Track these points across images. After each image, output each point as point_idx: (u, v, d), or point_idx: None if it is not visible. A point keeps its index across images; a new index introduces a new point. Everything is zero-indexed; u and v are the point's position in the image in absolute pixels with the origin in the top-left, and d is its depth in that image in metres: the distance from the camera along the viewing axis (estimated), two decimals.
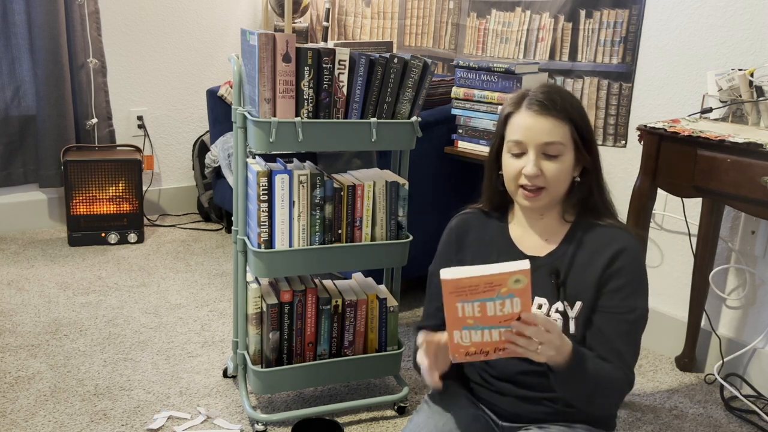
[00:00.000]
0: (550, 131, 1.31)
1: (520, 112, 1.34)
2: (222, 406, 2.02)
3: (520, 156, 1.33)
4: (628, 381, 1.31)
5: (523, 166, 1.32)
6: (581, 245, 1.35)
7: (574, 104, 1.34)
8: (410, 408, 2.05)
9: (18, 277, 2.83)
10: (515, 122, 1.34)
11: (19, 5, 3.15)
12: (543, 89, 1.34)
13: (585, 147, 1.34)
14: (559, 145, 1.31)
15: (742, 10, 2.11)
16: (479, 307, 1.14)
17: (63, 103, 3.26)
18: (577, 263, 1.34)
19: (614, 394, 1.31)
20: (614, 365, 1.28)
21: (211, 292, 2.79)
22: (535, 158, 1.31)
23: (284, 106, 1.73)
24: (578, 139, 1.33)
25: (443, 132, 2.52)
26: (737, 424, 2.06)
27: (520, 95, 1.36)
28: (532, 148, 1.31)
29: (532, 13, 2.71)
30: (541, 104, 1.31)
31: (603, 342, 1.29)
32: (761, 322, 2.21)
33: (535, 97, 1.33)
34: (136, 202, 3.28)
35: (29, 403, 1.99)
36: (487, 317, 1.15)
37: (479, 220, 1.47)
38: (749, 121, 1.96)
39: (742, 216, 2.20)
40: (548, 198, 1.34)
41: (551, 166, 1.32)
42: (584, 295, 1.32)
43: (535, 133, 1.31)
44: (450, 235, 1.49)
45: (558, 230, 1.39)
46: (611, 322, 1.30)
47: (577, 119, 1.33)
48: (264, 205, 1.80)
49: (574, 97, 1.38)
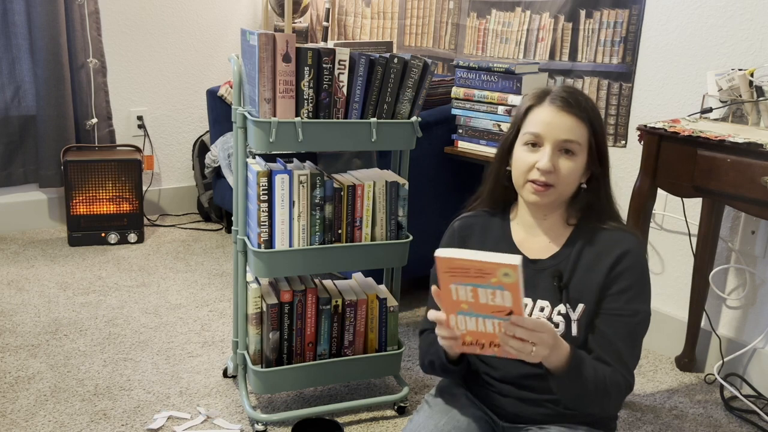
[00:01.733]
0: (570, 129, 1.30)
1: (542, 106, 1.33)
2: (222, 406, 2.02)
3: (535, 150, 1.32)
4: (627, 384, 1.30)
5: (537, 160, 1.31)
6: (584, 248, 1.35)
7: (595, 110, 1.34)
8: (410, 408, 2.05)
9: (18, 277, 2.83)
10: (536, 115, 1.33)
11: (19, 5, 3.15)
12: (567, 88, 1.35)
13: (598, 153, 1.34)
14: (576, 145, 1.31)
15: (742, 10, 2.11)
16: (472, 292, 1.14)
17: (63, 103, 3.26)
18: (581, 266, 1.34)
19: (613, 398, 1.31)
20: (614, 368, 1.28)
21: (211, 292, 2.79)
22: (551, 153, 1.30)
23: (284, 106, 1.73)
24: (593, 143, 1.33)
25: (443, 132, 2.52)
26: (737, 424, 2.06)
27: (542, 91, 1.36)
28: (549, 142, 1.31)
29: (532, 13, 2.71)
30: (565, 101, 1.31)
31: (604, 345, 1.29)
32: (761, 322, 2.21)
33: (559, 94, 1.33)
34: (136, 202, 3.28)
35: (29, 403, 1.99)
36: (479, 304, 1.15)
37: (482, 223, 1.46)
38: (749, 121, 1.96)
39: (742, 216, 2.20)
40: (555, 195, 1.33)
41: (565, 164, 1.31)
42: (587, 298, 1.32)
43: (555, 128, 1.30)
44: (452, 237, 1.48)
45: (561, 233, 1.38)
46: (614, 324, 1.30)
47: (596, 125, 1.33)
48: (264, 205, 1.80)
49: (596, 104, 1.38)
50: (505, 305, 1.14)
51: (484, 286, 1.13)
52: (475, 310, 1.16)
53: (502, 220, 1.44)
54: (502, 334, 1.16)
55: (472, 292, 1.14)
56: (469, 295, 1.14)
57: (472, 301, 1.15)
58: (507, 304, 1.14)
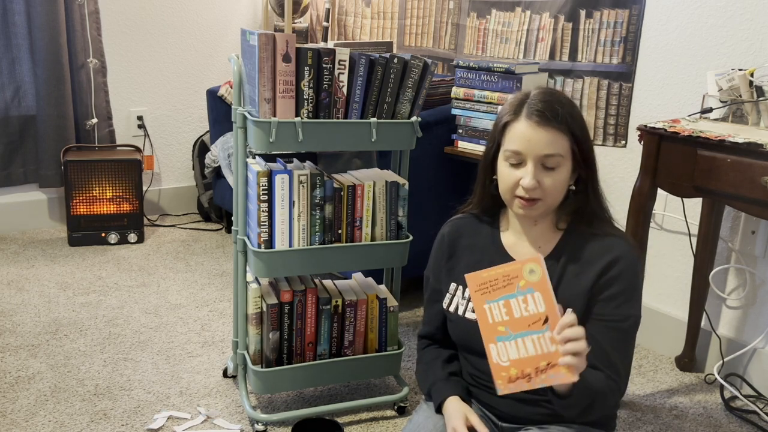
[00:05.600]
0: (550, 143, 1.28)
1: (519, 122, 1.30)
2: (222, 406, 2.02)
3: (517, 166, 1.31)
4: (619, 390, 1.31)
5: (521, 177, 1.29)
6: (573, 253, 1.35)
7: (574, 115, 1.31)
8: (410, 408, 2.05)
9: (18, 277, 2.83)
10: (514, 131, 1.31)
11: (19, 5, 3.15)
12: (543, 97, 1.31)
13: (582, 158, 1.32)
14: (558, 158, 1.29)
15: (742, 10, 2.11)
16: (505, 308, 1.17)
17: (63, 103, 3.26)
18: (569, 271, 1.34)
19: (607, 404, 1.31)
20: (606, 374, 1.28)
21: (211, 292, 2.79)
22: (534, 170, 1.28)
23: (284, 106, 1.73)
24: (577, 150, 1.31)
25: (443, 132, 2.52)
26: (737, 424, 2.06)
27: (518, 101, 1.33)
28: (531, 159, 1.29)
29: (532, 13, 2.71)
30: (542, 114, 1.28)
31: (595, 350, 1.28)
32: (761, 322, 2.21)
33: (535, 106, 1.29)
34: (136, 202, 3.28)
35: (29, 403, 1.99)
36: (515, 320, 1.17)
37: (471, 226, 1.46)
38: (749, 121, 1.96)
39: (742, 216, 2.20)
40: (544, 208, 1.33)
41: (549, 179, 1.30)
42: (575, 303, 1.30)
43: (535, 144, 1.28)
44: (442, 241, 1.48)
45: (550, 238, 1.38)
46: (604, 330, 1.30)
47: (577, 131, 1.30)
48: (264, 205, 1.80)
49: (575, 106, 1.35)
50: (539, 311, 1.16)
51: (514, 295, 1.17)
52: (513, 330, 1.18)
53: (491, 226, 1.44)
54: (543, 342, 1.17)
55: (505, 307, 1.17)
56: (503, 311, 1.18)
57: (507, 319, 1.18)
58: (540, 309, 1.16)
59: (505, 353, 1.20)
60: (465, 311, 1.39)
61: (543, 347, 1.18)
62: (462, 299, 1.41)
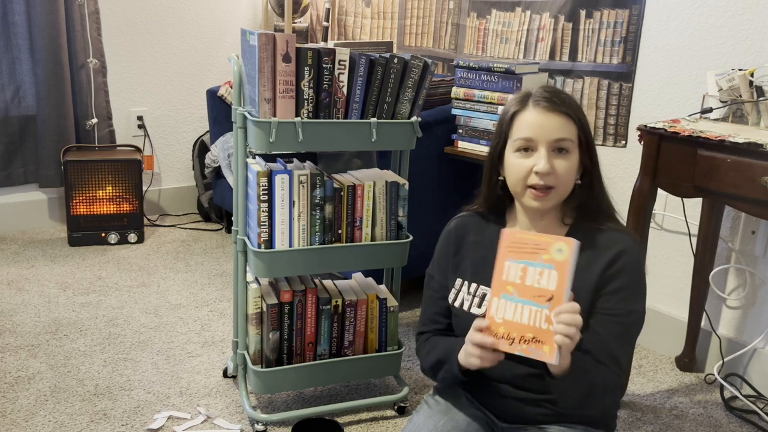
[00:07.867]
0: (561, 127, 1.31)
1: (527, 110, 1.33)
2: (222, 406, 2.02)
3: (528, 155, 1.32)
4: (620, 384, 1.31)
5: (533, 164, 1.31)
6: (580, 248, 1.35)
7: (578, 105, 1.36)
8: (410, 408, 2.05)
9: (18, 277, 2.83)
10: (523, 120, 1.33)
11: (19, 5, 3.15)
12: (547, 88, 1.35)
13: (588, 148, 1.35)
14: (569, 142, 1.31)
15: (742, 10, 2.11)
16: (522, 272, 1.22)
17: (63, 103, 3.26)
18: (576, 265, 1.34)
19: (607, 398, 1.31)
20: (607, 368, 1.28)
21: (211, 292, 2.79)
22: (547, 155, 1.30)
23: (284, 106, 1.73)
24: (583, 138, 1.34)
25: (443, 132, 2.52)
26: (737, 424, 2.06)
27: (523, 95, 1.36)
28: (543, 144, 1.30)
29: (532, 13, 2.71)
30: (550, 101, 1.31)
31: (598, 344, 1.29)
32: (761, 322, 2.21)
33: (541, 95, 1.33)
34: (136, 202, 3.28)
35: (29, 403, 1.99)
36: (524, 286, 1.21)
37: (477, 224, 1.46)
38: (749, 121, 1.96)
39: (742, 216, 2.20)
40: (557, 197, 1.34)
41: (562, 164, 1.31)
42: (582, 297, 1.31)
43: (546, 129, 1.30)
44: (448, 237, 1.48)
45: (557, 232, 1.38)
46: (607, 324, 1.30)
47: (583, 120, 1.34)
48: (264, 205, 1.80)
49: (576, 100, 1.39)
50: (549, 288, 1.20)
51: (534, 264, 1.21)
52: (518, 294, 1.22)
53: (498, 224, 1.44)
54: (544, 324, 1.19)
55: (522, 271, 1.22)
56: (519, 274, 1.22)
57: (518, 282, 1.22)
58: (551, 286, 1.20)
59: (503, 311, 1.23)
60: (470, 306, 1.40)
61: (537, 321, 1.20)
62: (467, 294, 1.41)
